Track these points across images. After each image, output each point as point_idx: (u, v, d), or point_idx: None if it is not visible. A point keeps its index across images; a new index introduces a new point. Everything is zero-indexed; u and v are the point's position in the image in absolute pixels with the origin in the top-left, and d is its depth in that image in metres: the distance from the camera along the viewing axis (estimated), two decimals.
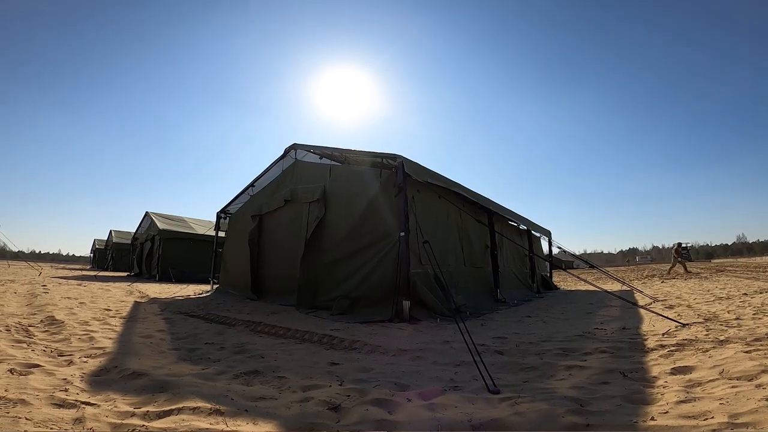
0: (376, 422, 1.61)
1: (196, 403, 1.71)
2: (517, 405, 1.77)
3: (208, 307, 5.88)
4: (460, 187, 6.61)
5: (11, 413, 1.49)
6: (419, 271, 5.03)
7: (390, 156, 5.39)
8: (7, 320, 3.66)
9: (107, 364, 2.34)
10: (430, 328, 4.20)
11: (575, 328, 4.11)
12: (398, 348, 3.06)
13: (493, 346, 3.15)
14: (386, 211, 5.31)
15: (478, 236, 7.43)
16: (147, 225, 17.18)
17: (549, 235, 12.57)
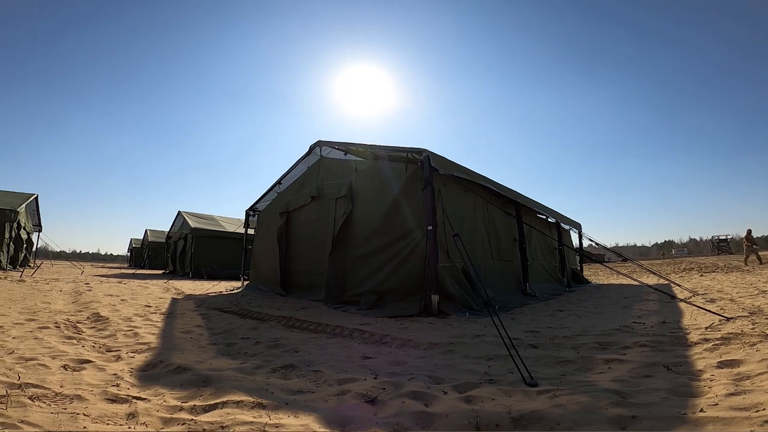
0: (413, 414, 1.62)
1: (239, 397, 1.76)
2: (556, 397, 1.75)
3: (240, 303, 6.04)
4: (486, 179, 6.52)
5: (69, 409, 1.56)
6: (447, 264, 5.00)
7: (415, 150, 5.36)
8: (56, 317, 3.88)
9: (153, 359, 2.44)
10: (459, 322, 4.18)
11: (611, 322, 3.99)
12: (429, 342, 3.06)
13: (526, 339, 3.10)
14: (413, 206, 5.30)
15: (505, 229, 7.31)
16: (180, 224, 17.80)
17: (579, 227, 12.24)
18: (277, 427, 1.46)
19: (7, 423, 1.36)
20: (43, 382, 1.85)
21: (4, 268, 12.23)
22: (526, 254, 7.48)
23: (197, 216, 17.41)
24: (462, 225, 5.86)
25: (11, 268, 12.89)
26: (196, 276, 14.31)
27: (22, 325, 3.33)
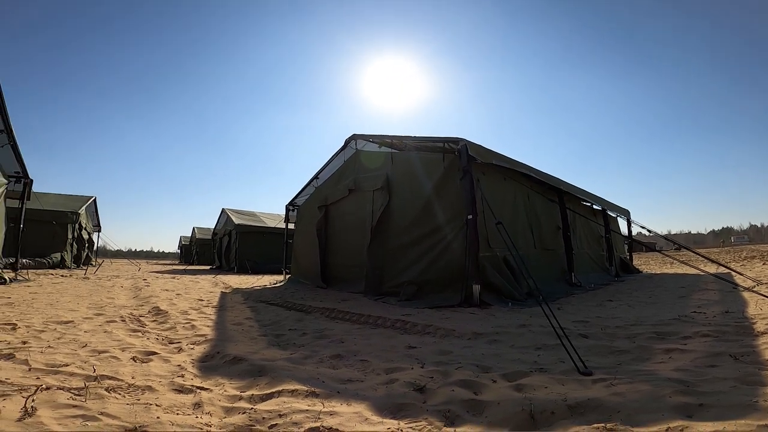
0: (463, 402, 1.62)
1: (294, 386, 1.82)
2: (613, 386, 1.69)
3: (284, 296, 6.24)
4: (526, 167, 6.33)
5: (142, 400, 1.64)
6: (488, 254, 4.92)
7: (452, 140, 5.29)
8: (121, 311, 4.17)
9: (211, 351, 2.56)
10: (502, 312, 4.11)
11: (668, 312, 3.79)
12: (473, 332, 3.04)
13: (576, 329, 3.00)
14: (451, 195, 5.24)
15: (548, 217, 7.08)
16: (224, 221, 18.58)
17: (627, 214, 11.64)
18: (331, 415, 1.50)
19: (87, 415, 1.44)
20: (116, 373, 1.98)
21: (69, 267, 13.29)
22: (571, 243, 7.22)
23: (240, 213, 18.10)
24: (502, 214, 5.73)
25: (75, 266, 13.99)
26: (241, 270, 14.90)
27: (91, 320, 3.59)
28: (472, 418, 1.50)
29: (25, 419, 1.37)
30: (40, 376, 1.87)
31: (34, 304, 4.39)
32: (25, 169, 7.89)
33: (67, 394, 1.65)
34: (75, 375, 1.92)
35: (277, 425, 1.44)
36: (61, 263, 13.04)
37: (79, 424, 1.36)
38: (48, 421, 1.37)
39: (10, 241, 7.76)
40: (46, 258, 12.46)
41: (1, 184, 7.06)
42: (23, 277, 7.98)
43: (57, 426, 1.33)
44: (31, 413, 1.42)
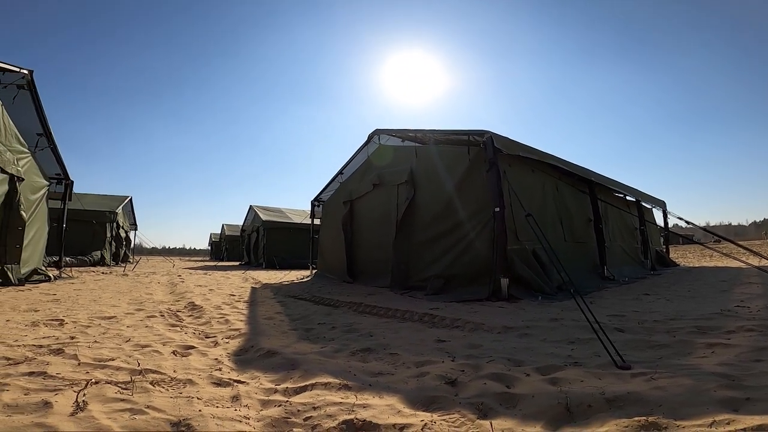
0: (496, 395, 1.61)
1: (326, 379, 1.85)
2: (654, 380, 1.64)
3: (311, 291, 6.33)
4: (554, 158, 6.17)
5: (184, 393, 1.69)
6: (516, 247, 4.84)
7: (477, 132, 5.22)
8: (159, 307, 4.35)
9: (245, 345, 2.63)
10: (531, 306, 4.04)
11: (709, 306, 3.63)
12: (503, 325, 3.00)
13: (611, 323, 2.92)
14: (477, 188, 5.18)
15: (578, 209, 6.89)
16: (252, 217, 19.03)
17: (663, 205, 11.17)
18: (364, 408, 1.52)
19: (135, 409, 1.48)
20: (159, 367, 2.05)
21: (108, 264, 13.95)
22: (603, 235, 6.99)
23: (267, 209, 18.49)
24: (530, 206, 5.62)
25: (114, 264, 14.67)
26: (269, 266, 15.24)
27: (132, 315, 3.76)
28: (505, 411, 1.49)
29: (78, 414, 1.42)
30: (89, 371, 1.95)
31: (78, 301, 4.63)
32: (65, 170, 8.31)
33: (114, 388, 1.71)
34: (121, 369, 2.00)
35: (311, 417, 1.46)
36: (101, 261, 13.71)
37: (127, 418, 1.40)
38: (99, 415, 1.42)
39: (54, 240, 8.20)
40: (87, 256, 13.13)
41: (43, 185, 7.46)
42: (67, 274, 8.44)
43: (107, 420, 1.37)
44: (83, 407, 1.48)
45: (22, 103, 6.49)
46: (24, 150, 6.65)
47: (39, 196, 7.21)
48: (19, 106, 6.46)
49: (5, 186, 5.98)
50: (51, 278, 7.03)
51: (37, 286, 6.08)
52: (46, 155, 7.59)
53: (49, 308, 3.95)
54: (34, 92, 6.58)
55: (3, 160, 5.81)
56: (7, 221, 5.99)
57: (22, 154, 6.54)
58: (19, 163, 6.38)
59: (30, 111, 6.78)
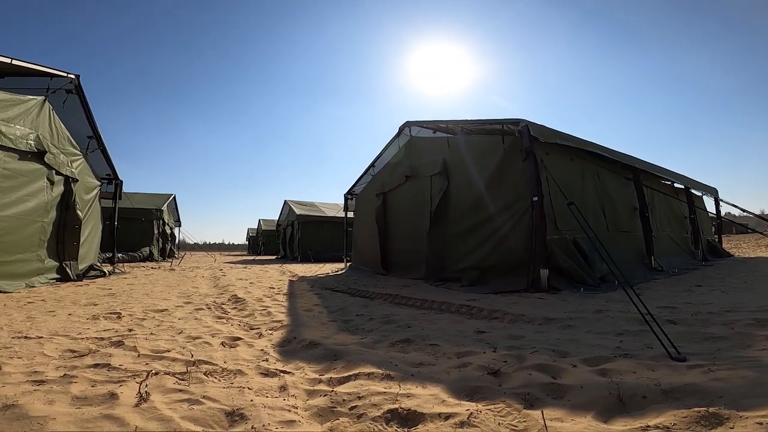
0: (542, 385, 1.58)
1: (369, 369, 1.88)
2: (712, 372, 1.56)
3: (347, 283, 6.43)
4: (594, 145, 5.93)
5: (235, 383, 1.73)
6: (556, 237, 4.70)
7: (511, 121, 5.10)
8: (205, 300, 4.55)
9: (287, 336, 2.70)
10: (573, 297, 3.92)
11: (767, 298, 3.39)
12: (544, 317, 2.93)
13: (662, 315, 2.79)
14: (513, 177, 5.07)
15: (622, 198, 6.60)
16: (286, 212, 19.51)
17: (714, 192, 10.48)
18: (408, 397, 1.54)
19: (192, 399, 1.53)
20: (210, 358, 2.10)
21: (156, 260, 14.75)
22: (650, 224, 6.66)
23: (301, 203, 18.89)
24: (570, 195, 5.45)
25: (161, 259, 15.48)
26: (304, 259, 15.60)
27: (182, 308, 3.95)
28: (552, 401, 1.46)
29: (141, 404, 1.48)
30: (148, 362, 2.04)
31: (132, 295, 4.93)
32: (114, 171, 8.82)
33: (172, 378, 1.78)
34: (177, 360, 2.08)
35: (357, 407, 1.48)
36: (149, 256, 14.51)
37: (186, 408, 1.45)
38: (160, 405, 1.47)
39: (107, 237, 8.74)
40: (137, 252, 13.92)
41: (96, 185, 7.95)
42: (120, 270, 9.00)
43: (168, 411, 1.43)
44: (146, 398, 1.53)
45: (71, 107, 6.88)
46: (76, 152, 7.09)
47: (92, 195, 7.70)
48: (69, 110, 6.85)
49: (61, 187, 6.42)
50: (106, 274, 7.52)
51: (94, 282, 6.52)
52: (97, 156, 8.07)
53: (106, 302, 4.22)
54: (82, 96, 6.96)
55: (57, 162, 6.23)
56: (65, 220, 6.43)
57: (74, 156, 6.99)
58: (73, 164, 6.82)
59: (79, 114, 7.19)
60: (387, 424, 1.36)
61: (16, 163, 5.38)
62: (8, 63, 5.24)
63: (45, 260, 5.95)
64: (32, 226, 5.68)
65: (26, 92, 5.78)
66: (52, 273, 6.07)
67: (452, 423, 1.31)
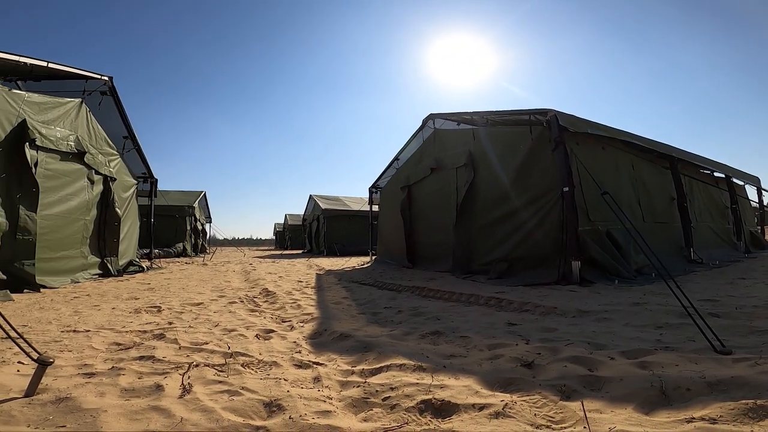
0: (579, 378, 1.55)
1: (401, 361, 1.89)
2: (759, 365, 1.50)
3: (373, 276, 6.48)
4: (627, 134, 5.73)
5: (271, 375, 1.77)
6: (588, 228, 4.57)
7: (539, 111, 4.98)
8: (238, 293, 4.68)
9: (318, 328, 2.75)
10: (608, 290, 3.82)
11: None
12: (577, 309, 2.87)
13: (704, 308, 2.68)
14: (543, 168, 4.97)
15: (659, 187, 6.35)
16: (312, 206, 19.78)
17: (757, 182, 9.92)
18: (441, 388, 1.54)
19: (232, 390, 1.56)
20: (246, 350, 2.15)
21: (189, 255, 15.27)
22: (688, 214, 6.38)
23: (326, 198, 19.10)
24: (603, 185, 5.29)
25: (194, 254, 16.02)
26: (330, 253, 15.80)
27: (216, 301, 4.08)
28: (590, 393, 1.44)
29: (185, 396, 1.51)
30: (189, 354, 2.10)
31: (170, 289, 5.13)
32: (149, 169, 9.16)
33: (212, 370, 1.82)
34: (215, 352, 2.12)
35: (390, 398, 1.49)
36: (183, 252, 15.04)
37: (227, 399, 1.48)
38: (202, 397, 1.50)
39: (144, 234, 9.11)
40: (172, 247, 14.45)
41: (133, 184, 8.28)
42: (157, 265, 9.37)
43: (210, 402, 1.46)
44: (188, 390, 1.57)
45: (106, 109, 7.11)
46: (113, 152, 7.40)
47: (130, 194, 8.03)
48: (105, 112, 7.09)
49: (100, 186, 6.72)
50: (144, 269, 7.85)
51: (134, 277, 6.82)
52: (132, 156, 8.38)
53: (146, 296, 4.41)
54: (116, 97, 7.21)
55: (96, 162, 6.51)
56: (105, 218, 6.74)
57: (112, 156, 7.29)
58: (111, 164, 7.12)
59: (114, 115, 7.44)
60: (421, 415, 1.36)
61: (58, 164, 5.66)
62: (44, 66, 5.41)
63: (88, 256, 6.26)
64: (75, 224, 5.98)
65: (63, 95, 6.00)
66: (94, 269, 6.38)
67: (487, 413, 1.31)
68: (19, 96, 4.98)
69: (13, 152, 4.70)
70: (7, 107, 4.71)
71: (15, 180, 4.69)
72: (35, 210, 4.89)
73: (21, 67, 5.11)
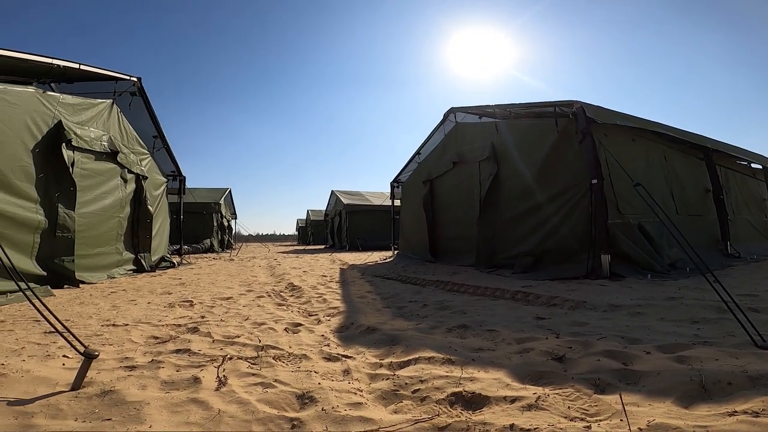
0: (613, 371, 1.52)
1: (429, 354, 1.89)
2: None
3: (396, 270, 6.50)
4: (658, 125, 5.53)
5: (302, 367, 1.79)
6: (618, 221, 4.45)
7: (565, 103, 4.88)
8: (265, 288, 4.78)
9: (345, 322, 2.78)
10: (640, 284, 3.72)
11: None
12: (608, 303, 2.81)
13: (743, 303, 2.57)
14: (569, 160, 4.87)
15: (693, 179, 6.12)
16: (334, 202, 19.95)
17: None
18: (471, 381, 1.54)
19: (265, 383, 1.59)
20: (277, 343, 2.18)
21: (216, 251, 15.67)
22: (725, 207, 6.12)
23: (347, 193, 19.22)
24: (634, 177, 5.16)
25: (220, 250, 16.44)
26: (352, 248, 15.92)
27: (245, 296, 4.17)
28: (626, 387, 1.41)
29: (221, 388, 1.54)
30: (222, 347, 2.13)
31: (200, 284, 5.27)
32: (178, 167, 9.43)
33: (245, 363, 1.85)
34: (247, 345, 2.16)
35: (419, 390, 1.50)
36: (210, 248, 15.45)
37: (261, 392, 1.51)
38: (238, 389, 1.53)
39: (173, 230, 9.39)
40: (200, 243, 14.87)
41: (163, 182, 8.55)
42: (186, 261, 9.67)
43: (245, 394, 1.48)
44: (224, 382, 1.60)
45: (136, 109, 7.31)
46: (144, 151, 7.64)
47: (160, 191, 8.30)
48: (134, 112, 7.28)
49: (133, 184, 6.96)
50: (175, 264, 8.12)
51: (165, 272, 7.06)
52: (161, 154, 8.63)
53: (179, 291, 4.55)
54: (145, 97, 7.41)
55: (129, 161, 6.75)
56: (137, 215, 7.00)
57: (143, 155, 7.54)
58: (142, 162, 7.36)
59: (143, 115, 7.64)
60: (451, 407, 1.37)
61: (93, 164, 5.89)
62: (77, 68, 5.56)
63: (122, 253, 6.52)
64: (110, 222, 6.23)
65: (94, 96, 6.19)
66: (129, 264, 6.64)
67: (519, 406, 1.30)
68: (54, 98, 5.15)
69: (49, 153, 4.87)
70: (43, 109, 4.89)
71: (53, 180, 4.88)
72: (73, 208, 5.11)
73: (54, 69, 5.24)
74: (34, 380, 1.58)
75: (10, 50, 4.36)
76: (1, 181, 4.19)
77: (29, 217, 4.48)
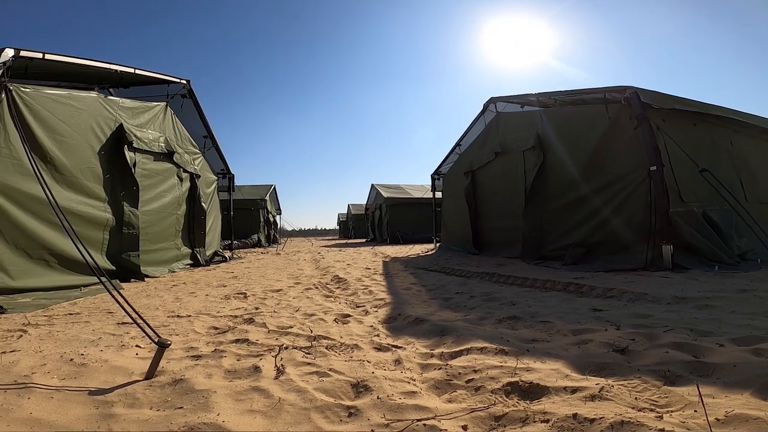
0: (683, 363, 1.44)
1: (481, 344, 1.87)
2: None
3: (439, 263, 6.45)
4: (723, 109, 5.11)
5: (354, 357, 1.80)
6: (681, 210, 4.16)
7: (616, 89, 4.63)
8: (312, 280, 4.91)
9: (392, 313, 2.79)
10: (706, 276, 3.47)
11: None
12: (673, 296, 2.65)
13: None
14: (623, 147, 4.63)
15: (764, 165, 5.60)
16: (374, 195, 20.09)
17: None
18: (528, 371, 1.51)
19: (320, 372, 1.61)
20: (328, 333, 2.21)
21: (263, 246, 16.31)
22: None
23: (387, 187, 19.29)
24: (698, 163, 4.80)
25: (267, 245, 17.09)
26: (393, 241, 15.97)
27: (294, 288, 4.30)
28: (698, 379, 1.33)
29: (280, 377, 1.58)
30: (277, 337, 2.18)
31: (251, 277, 5.49)
32: (227, 166, 9.87)
33: (300, 352, 1.89)
34: (300, 335, 2.21)
35: (473, 380, 1.48)
36: (258, 243, 16.10)
37: (317, 380, 1.54)
38: (295, 378, 1.56)
39: (224, 226, 9.87)
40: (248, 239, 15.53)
41: (213, 180, 8.99)
42: (237, 255, 10.13)
43: (302, 383, 1.51)
44: (282, 371, 1.64)
45: (186, 110, 7.66)
46: (196, 151, 8.05)
47: (212, 189, 8.74)
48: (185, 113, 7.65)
49: (188, 183, 7.36)
50: (227, 259, 8.53)
51: (219, 266, 7.42)
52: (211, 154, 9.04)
53: (232, 284, 4.77)
54: (194, 99, 7.74)
55: (183, 161, 7.14)
56: (193, 212, 7.40)
57: (195, 155, 7.95)
58: (195, 162, 7.76)
59: (193, 116, 8.00)
60: (507, 396, 1.35)
61: (153, 164, 6.28)
62: (132, 73, 5.88)
63: (181, 248, 6.94)
64: (169, 219, 6.64)
65: (148, 99, 6.53)
66: (186, 259, 7.06)
67: (581, 396, 1.27)
68: (114, 102, 5.48)
69: (113, 154, 5.21)
70: (105, 113, 5.23)
71: (117, 180, 5.23)
72: (137, 206, 5.49)
73: (112, 74, 5.55)
74: (111, 370, 1.67)
75: (75, 57, 4.69)
76: (73, 182, 4.56)
77: (99, 215, 4.86)
